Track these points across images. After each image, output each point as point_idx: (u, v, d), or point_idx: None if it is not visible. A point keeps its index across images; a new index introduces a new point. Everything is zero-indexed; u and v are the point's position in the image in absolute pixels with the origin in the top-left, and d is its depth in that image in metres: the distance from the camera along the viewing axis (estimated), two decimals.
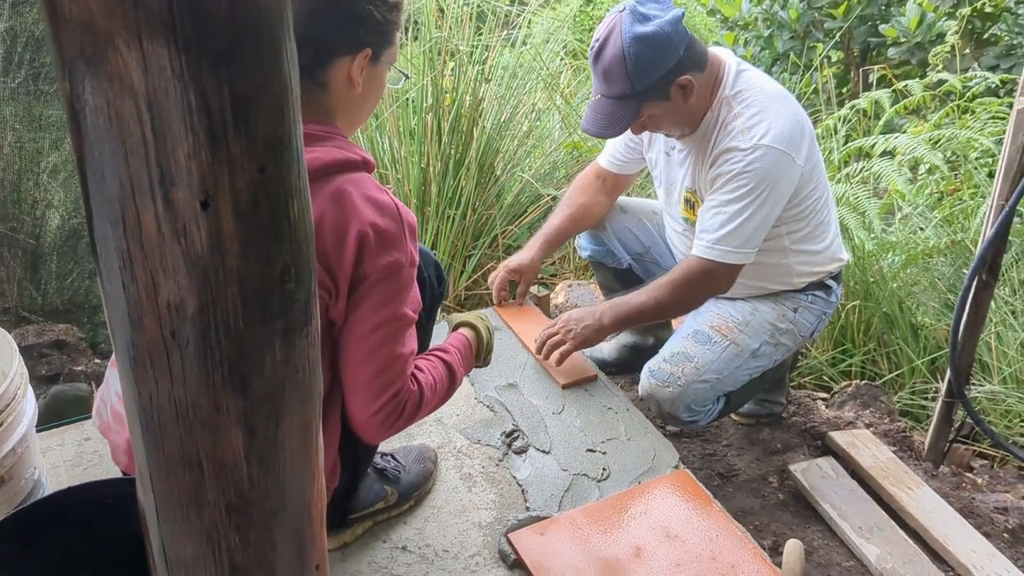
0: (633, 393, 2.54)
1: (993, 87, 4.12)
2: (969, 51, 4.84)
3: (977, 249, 2.52)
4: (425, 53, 3.64)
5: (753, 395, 2.46)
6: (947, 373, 2.62)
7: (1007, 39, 4.83)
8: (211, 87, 0.65)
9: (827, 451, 2.53)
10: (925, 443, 2.72)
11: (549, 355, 2.33)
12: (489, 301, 3.42)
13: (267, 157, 0.69)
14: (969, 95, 3.94)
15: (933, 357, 3.29)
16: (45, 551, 1.36)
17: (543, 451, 2.12)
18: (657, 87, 2.05)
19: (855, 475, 2.40)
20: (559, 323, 2.33)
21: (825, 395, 3.05)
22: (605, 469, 2.08)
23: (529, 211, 3.83)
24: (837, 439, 2.51)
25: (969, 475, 2.75)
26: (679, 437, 2.50)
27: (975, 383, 3.08)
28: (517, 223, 3.78)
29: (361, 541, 1.85)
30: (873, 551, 2.11)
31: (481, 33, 3.97)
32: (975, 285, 2.52)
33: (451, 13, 3.82)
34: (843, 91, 5.29)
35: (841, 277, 2.44)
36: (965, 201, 3.74)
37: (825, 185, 2.28)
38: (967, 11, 4.40)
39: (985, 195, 3.67)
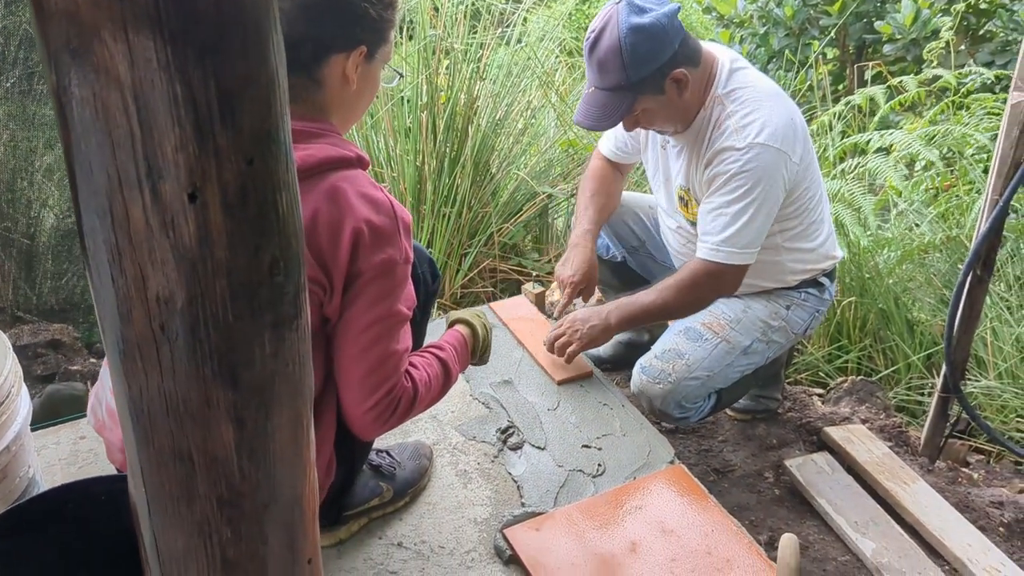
0: (628, 389, 2.53)
1: (988, 83, 4.12)
2: (965, 47, 4.84)
3: (971, 244, 2.52)
4: (420, 51, 3.64)
5: (745, 392, 2.46)
6: (943, 368, 2.63)
7: (1002, 35, 4.84)
8: (197, 79, 0.65)
9: (823, 446, 2.54)
10: (921, 438, 2.73)
11: (560, 355, 2.34)
12: (485, 299, 3.43)
13: (254, 149, 0.69)
14: (964, 91, 3.94)
15: (929, 353, 3.30)
16: (40, 548, 1.36)
17: (538, 447, 2.12)
18: (652, 79, 2.05)
19: (851, 470, 2.40)
20: (565, 323, 2.33)
21: (821, 391, 3.06)
22: (600, 465, 2.08)
23: (525, 209, 3.83)
24: (833, 434, 2.51)
25: (965, 470, 2.75)
26: (675, 433, 2.50)
27: (971, 378, 3.08)
28: (513, 221, 3.78)
29: (357, 538, 1.85)
30: (869, 546, 2.11)
31: (476, 31, 3.97)
32: (970, 280, 2.52)
33: (446, 11, 3.82)
34: (839, 88, 5.29)
35: (835, 274, 2.44)
36: (960, 197, 3.75)
37: (819, 183, 2.28)
38: (961, 6, 4.40)
39: (980, 191, 3.68)
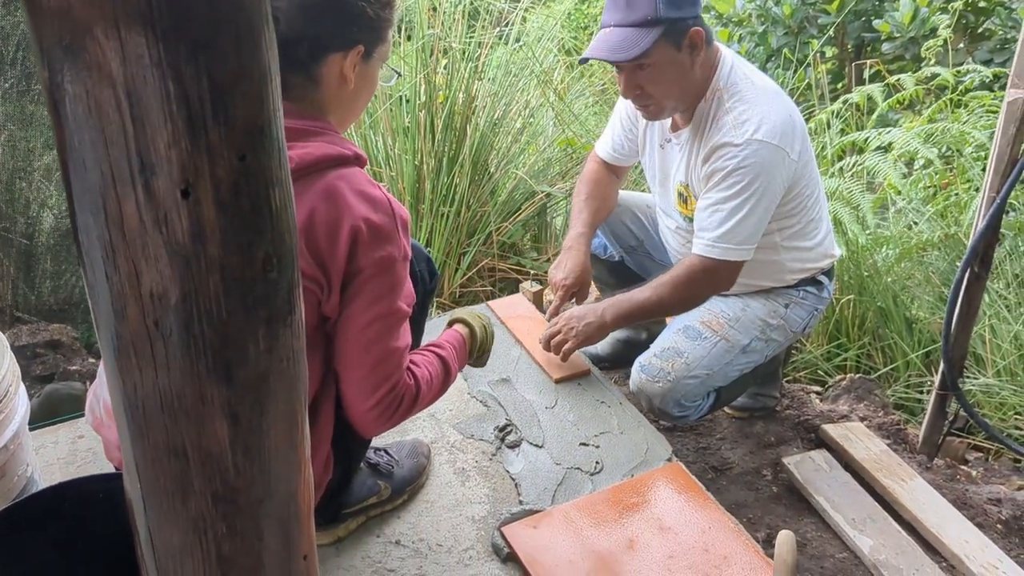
0: (626, 387, 2.54)
1: (986, 81, 4.12)
2: (963, 45, 4.84)
3: (969, 242, 2.52)
4: (418, 51, 3.65)
5: (744, 390, 2.47)
6: (941, 366, 2.63)
7: (1001, 33, 4.84)
8: (189, 75, 0.65)
9: (820, 444, 2.54)
10: (919, 436, 2.73)
11: (556, 353, 2.34)
12: (484, 298, 3.43)
13: (247, 146, 0.70)
14: (962, 89, 3.94)
15: (927, 350, 3.30)
16: (38, 546, 1.37)
17: (536, 445, 2.12)
18: (676, 26, 2.01)
19: (848, 467, 2.40)
20: (561, 321, 2.33)
21: (819, 389, 3.06)
22: (598, 463, 2.09)
23: (523, 208, 3.84)
24: (830, 432, 2.52)
25: (964, 468, 2.75)
26: (672, 431, 2.50)
27: (970, 376, 3.08)
28: (511, 220, 3.79)
29: (355, 536, 1.85)
30: (866, 542, 2.11)
31: (474, 30, 3.97)
32: (967, 277, 2.52)
33: (444, 11, 3.82)
34: (838, 87, 5.29)
35: (833, 273, 2.44)
36: (959, 195, 3.75)
37: (817, 181, 2.28)
38: (959, 4, 4.41)
39: (979, 189, 3.68)
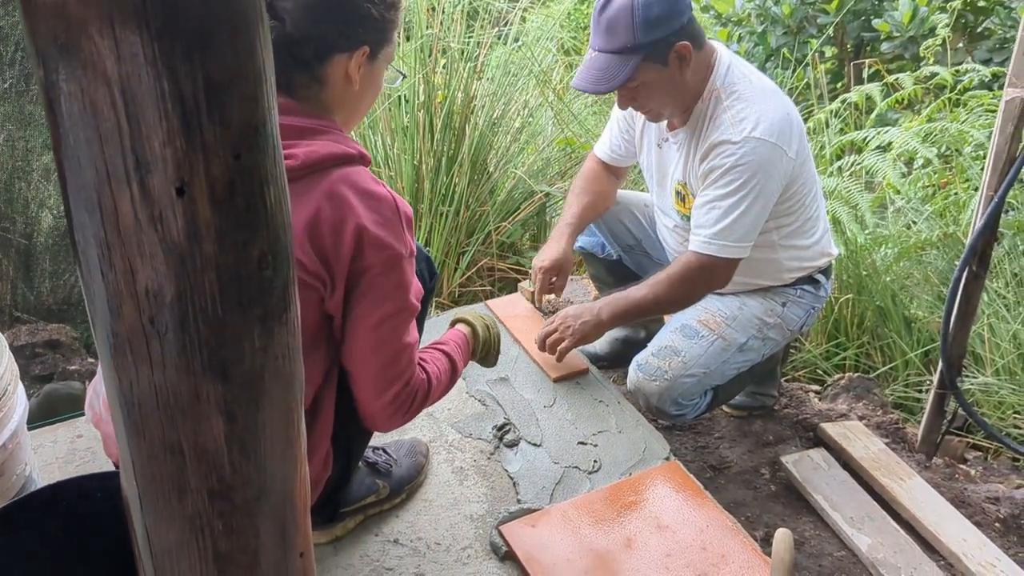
0: (625, 386, 2.54)
1: (985, 80, 4.13)
2: (962, 45, 4.84)
3: (967, 240, 2.53)
4: (417, 51, 3.65)
5: (741, 389, 2.47)
6: (939, 365, 2.63)
7: (1000, 32, 4.84)
8: (184, 74, 0.65)
9: (819, 443, 2.54)
10: (918, 435, 2.73)
11: (552, 352, 2.34)
12: (483, 297, 3.43)
13: (242, 144, 0.70)
14: (960, 88, 3.95)
15: (926, 349, 3.30)
16: (36, 544, 1.37)
17: (534, 444, 2.13)
18: (658, 47, 2.03)
19: (847, 466, 2.41)
20: (557, 320, 2.33)
21: (818, 388, 3.06)
22: (596, 461, 2.09)
23: (522, 207, 3.84)
24: (829, 430, 2.52)
25: (962, 467, 2.76)
26: (671, 430, 2.51)
27: (969, 375, 3.08)
28: (510, 219, 3.79)
29: (353, 535, 1.86)
30: (864, 541, 2.11)
31: (472, 30, 3.98)
32: (965, 276, 2.53)
33: (442, 10, 3.82)
34: (837, 86, 5.29)
35: (831, 272, 2.44)
36: (957, 194, 3.75)
37: (814, 180, 2.28)
38: (958, 4, 4.41)
39: (977, 188, 3.68)
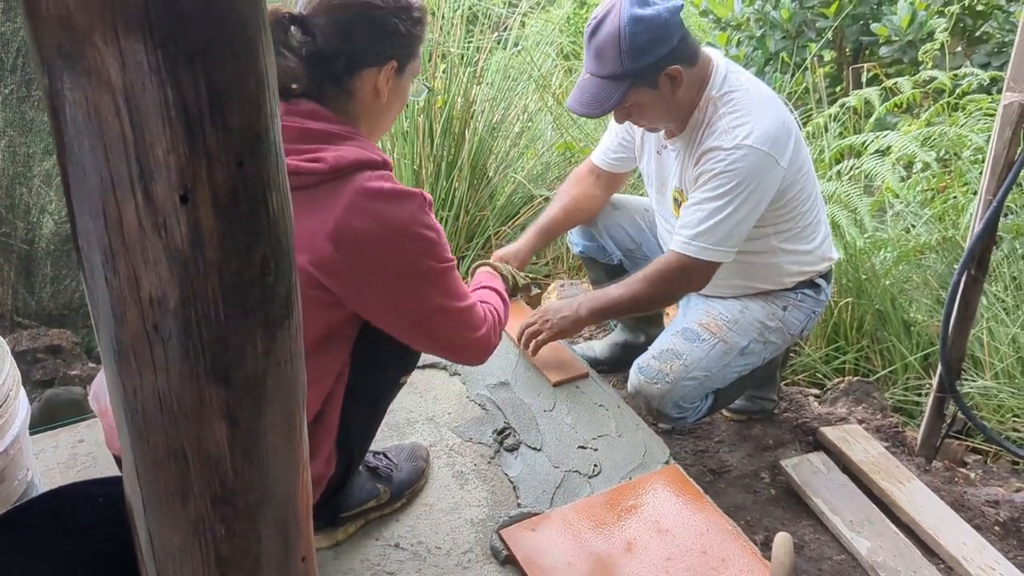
0: (625, 392, 2.54)
1: (984, 84, 4.13)
2: (961, 49, 4.85)
3: (966, 244, 2.53)
4: None
5: (742, 392, 2.48)
6: (938, 368, 2.64)
7: (998, 36, 4.84)
8: (187, 82, 0.66)
9: (818, 447, 2.54)
10: (918, 439, 2.73)
11: (527, 345, 2.36)
12: None
13: (245, 150, 0.71)
14: (959, 92, 3.95)
15: (926, 353, 3.30)
16: (37, 550, 1.37)
17: (534, 448, 2.13)
18: (647, 72, 2.06)
19: (846, 470, 2.41)
20: (537, 314, 2.36)
21: (817, 391, 3.06)
22: (596, 465, 2.09)
23: (522, 212, 3.85)
24: (828, 434, 2.52)
25: (962, 470, 2.76)
26: (671, 434, 2.51)
27: (968, 379, 3.09)
28: (510, 224, 3.80)
29: (353, 539, 1.86)
30: (864, 544, 2.12)
31: (472, 35, 3.98)
32: (964, 280, 2.53)
33: (442, 15, 3.83)
34: (836, 90, 5.30)
35: (831, 276, 2.45)
36: (956, 198, 3.76)
37: (813, 185, 2.29)
38: (956, 8, 4.42)
39: (976, 192, 3.69)
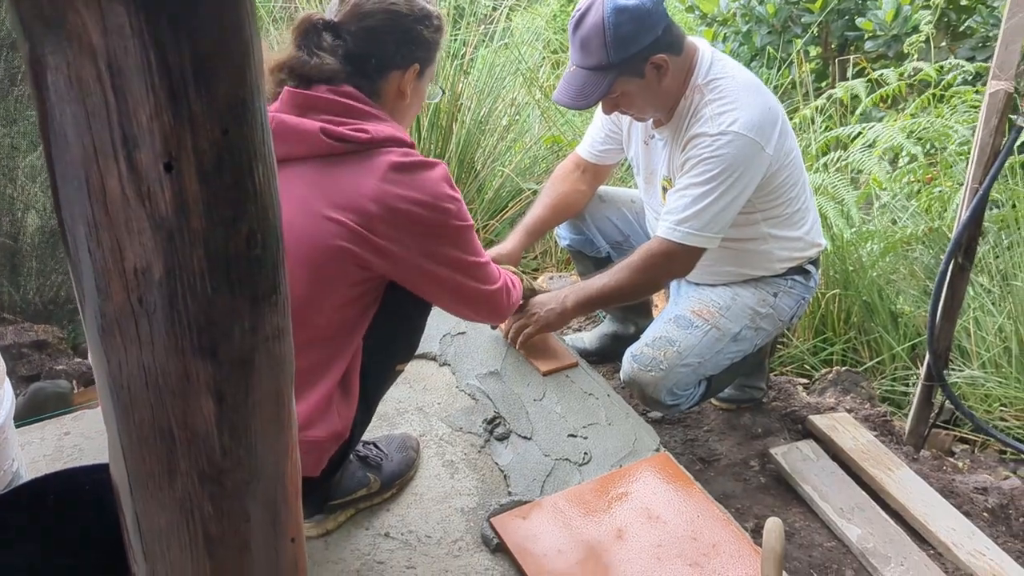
0: (615, 382, 2.54)
1: (968, 78, 4.15)
2: (945, 43, 4.87)
3: (952, 234, 2.54)
4: None
5: (733, 380, 2.48)
6: (926, 357, 2.65)
7: (982, 31, 4.87)
8: (170, 46, 0.65)
9: (807, 435, 2.55)
10: (906, 428, 2.74)
11: (515, 339, 2.37)
12: None
13: (230, 119, 0.70)
14: (944, 84, 3.97)
15: (913, 344, 3.31)
16: (25, 537, 1.36)
17: (525, 437, 2.12)
18: (633, 62, 2.06)
19: (836, 458, 2.41)
20: (525, 307, 2.36)
21: (805, 381, 3.07)
22: (586, 454, 2.09)
23: (510, 206, 3.84)
24: (817, 422, 2.53)
25: (950, 459, 2.77)
26: (661, 423, 2.51)
27: (955, 368, 3.10)
28: (498, 218, 3.79)
29: (344, 529, 1.85)
30: (854, 531, 2.12)
31: (459, 29, 3.98)
32: (951, 269, 2.54)
33: None
34: (822, 85, 5.31)
35: (819, 262, 2.46)
36: (942, 190, 3.77)
37: (801, 172, 2.29)
38: (941, 2, 4.44)
39: (962, 183, 3.70)
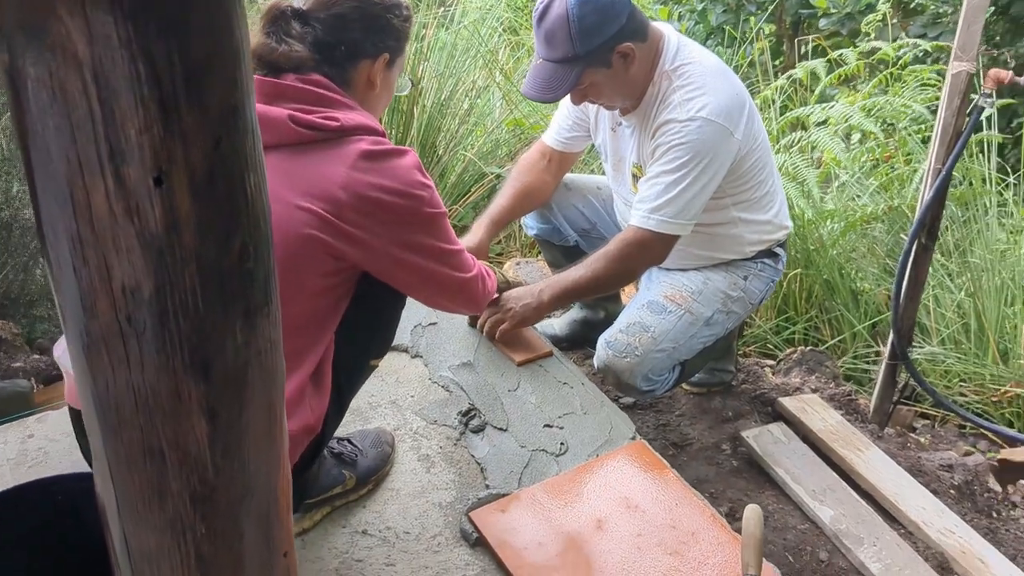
0: (587, 368, 2.54)
1: (921, 56, 4.20)
2: (897, 21, 4.93)
3: (916, 213, 2.57)
4: None
5: (706, 363, 2.49)
6: (890, 336, 2.68)
7: (933, 7, 4.94)
8: (160, 56, 0.61)
9: (777, 417, 2.57)
10: (870, 406, 2.78)
11: (491, 335, 2.35)
12: None
13: (222, 128, 0.67)
14: (901, 63, 4.01)
15: (874, 321, 3.37)
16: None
17: (500, 429, 2.11)
18: (599, 52, 2.05)
19: (806, 439, 2.44)
20: (500, 302, 2.34)
21: (772, 362, 3.10)
22: (563, 444, 2.08)
23: (473, 190, 3.81)
24: (787, 405, 2.55)
25: (912, 435, 2.82)
26: (633, 409, 2.51)
27: (915, 345, 3.15)
28: (461, 202, 3.76)
29: (320, 527, 1.82)
30: (827, 513, 2.15)
31: (418, 11, 3.92)
32: (915, 248, 2.57)
33: None
34: (777, 63, 5.35)
35: (787, 245, 2.47)
36: (900, 167, 3.82)
37: (768, 155, 2.30)
38: None
39: (920, 161, 3.76)
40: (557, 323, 2.80)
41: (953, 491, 2.36)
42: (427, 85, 3.73)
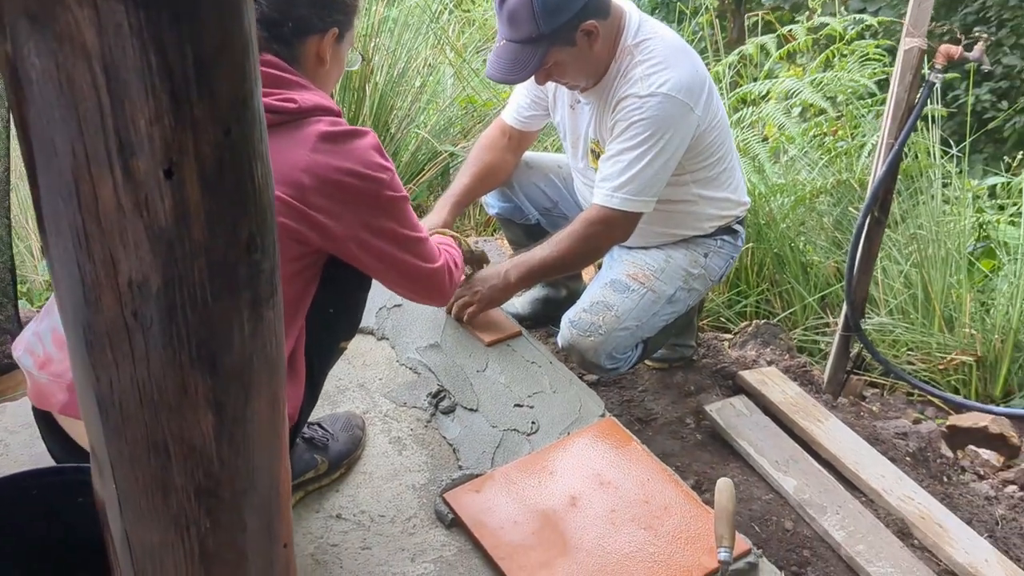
0: (551, 346, 2.55)
1: (860, 31, 4.27)
2: None
3: (869, 188, 2.62)
4: None
5: (667, 340, 2.51)
6: (843, 308, 2.74)
7: None
8: (172, 46, 0.60)
9: (739, 390, 2.61)
10: (824, 376, 2.84)
11: (459, 317, 2.35)
12: None
13: (231, 118, 0.66)
14: (848, 38, 4.07)
15: (823, 294, 3.43)
16: None
17: (471, 409, 2.11)
18: (563, 31, 2.04)
19: (767, 411, 2.48)
20: (466, 284, 2.34)
21: (730, 336, 3.15)
22: (534, 423, 2.09)
23: (427, 168, 3.79)
24: (747, 378, 2.59)
25: (864, 404, 2.89)
26: (597, 386, 2.53)
27: (866, 316, 3.22)
28: (415, 181, 3.73)
29: (294, 512, 1.81)
30: (791, 483, 2.19)
31: None
32: (868, 222, 2.62)
33: None
34: (720, 38, 5.38)
35: (745, 221, 2.50)
36: (848, 141, 3.89)
37: (727, 132, 2.33)
38: None
39: (867, 135, 3.83)
40: (519, 302, 2.81)
41: (909, 458, 2.43)
42: (378, 62, 3.69)
